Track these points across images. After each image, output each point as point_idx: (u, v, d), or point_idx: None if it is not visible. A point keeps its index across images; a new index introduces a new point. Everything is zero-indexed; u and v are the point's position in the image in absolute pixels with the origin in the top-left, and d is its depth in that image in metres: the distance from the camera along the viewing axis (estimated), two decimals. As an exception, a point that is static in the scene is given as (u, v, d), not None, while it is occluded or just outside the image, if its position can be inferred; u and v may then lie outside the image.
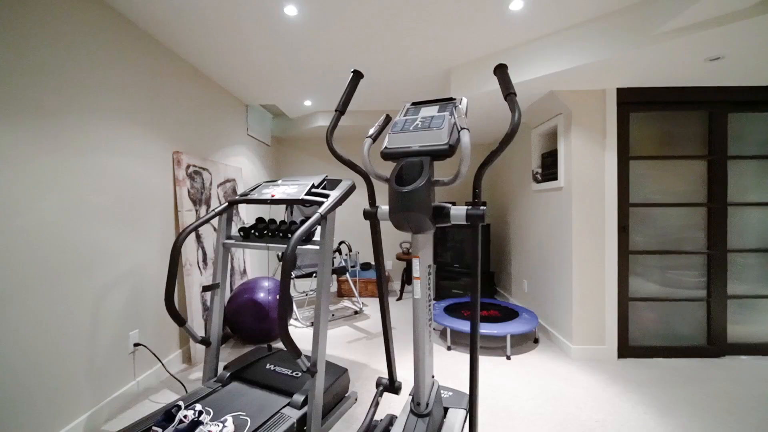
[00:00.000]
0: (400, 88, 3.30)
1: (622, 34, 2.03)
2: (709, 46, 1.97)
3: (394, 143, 1.15)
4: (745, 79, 2.47)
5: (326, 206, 1.68)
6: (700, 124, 2.68)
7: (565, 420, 1.88)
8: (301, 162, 4.92)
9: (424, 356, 1.16)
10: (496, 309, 3.14)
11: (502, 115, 3.29)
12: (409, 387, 2.17)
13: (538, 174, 3.25)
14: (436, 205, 1.12)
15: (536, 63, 2.37)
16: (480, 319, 2.86)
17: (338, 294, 4.52)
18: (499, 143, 1.05)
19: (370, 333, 3.21)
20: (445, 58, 2.67)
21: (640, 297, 2.69)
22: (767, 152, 2.68)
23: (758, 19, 1.69)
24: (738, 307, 2.69)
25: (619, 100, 2.61)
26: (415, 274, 1.16)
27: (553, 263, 2.95)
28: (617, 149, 2.62)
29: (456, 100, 1.22)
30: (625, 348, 2.65)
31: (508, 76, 1.13)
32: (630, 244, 2.68)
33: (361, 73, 1.25)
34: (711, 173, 2.66)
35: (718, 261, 2.65)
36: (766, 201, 2.68)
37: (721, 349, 2.65)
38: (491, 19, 2.13)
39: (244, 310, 2.80)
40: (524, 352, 2.76)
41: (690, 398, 2.09)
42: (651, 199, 2.69)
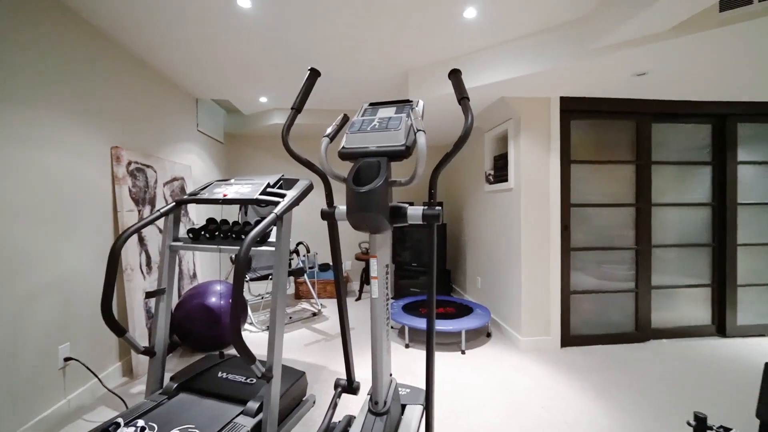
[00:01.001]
0: (358, 88, 3.29)
1: (563, 47, 2.19)
2: (636, 63, 2.19)
3: (352, 143, 1.14)
4: (666, 94, 2.78)
5: (282, 206, 1.64)
6: (629, 133, 2.97)
7: (516, 408, 2.00)
8: (257, 160, 4.75)
9: (381, 355, 1.17)
10: (451, 306, 3.24)
11: (457, 118, 3.41)
12: (367, 387, 2.18)
13: (491, 176, 3.41)
14: (394, 205, 1.13)
15: (488, 70, 2.49)
16: (436, 316, 2.95)
17: (296, 296, 4.42)
18: (453, 145, 1.09)
19: (329, 335, 3.17)
20: (402, 61, 2.71)
21: (580, 290, 2.93)
22: (684, 159, 3.04)
23: (674, 41, 1.91)
24: (660, 297, 3.02)
25: (562, 108, 2.82)
26: (373, 274, 1.16)
27: (504, 260, 3.12)
28: (560, 153, 2.83)
29: (413, 102, 1.24)
30: (568, 337, 2.87)
31: (462, 81, 1.18)
32: (571, 242, 2.90)
33: (318, 72, 1.24)
34: (638, 177, 2.96)
35: (644, 256, 2.96)
36: (683, 202, 3.04)
37: (646, 335, 2.96)
38: (446, 25, 2.20)
39: (193, 316, 2.64)
40: (478, 346, 2.88)
41: (621, 380, 2.30)
42: (589, 199, 2.93)
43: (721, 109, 2.95)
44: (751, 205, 3.08)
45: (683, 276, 3.06)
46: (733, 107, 2.96)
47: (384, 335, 1.19)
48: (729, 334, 3.02)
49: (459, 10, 2.05)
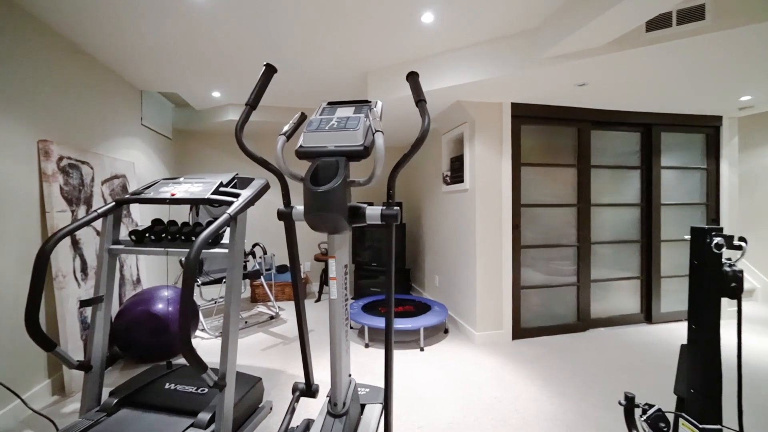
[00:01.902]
0: (316, 86, 3.25)
1: (514, 56, 2.32)
2: (577, 74, 2.37)
3: (310, 142, 1.13)
4: (603, 103, 3.05)
5: (236, 206, 1.57)
6: (572, 138, 3.21)
7: (471, 400, 2.08)
8: (209, 158, 4.50)
9: (340, 356, 1.17)
10: (410, 304, 3.30)
11: (416, 120, 3.48)
12: (327, 389, 2.16)
13: (448, 177, 3.51)
14: (352, 205, 1.13)
15: (445, 74, 2.57)
16: (395, 315, 2.99)
17: (252, 299, 4.26)
18: (410, 147, 1.11)
19: (287, 338, 3.09)
20: (362, 61, 2.71)
21: (529, 285, 3.11)
22: (618, 163, 3.35)
23: (609, 56, 2.09)
24: (598, 289, 3.30)
25: (513, 113, 2.98)
26: (332, 275, 1.15)
27: (460, 259, 3.23)
28: (512, 156, 2.99)
29: (371, 103, 1.25)
30: (518, 330, 3.04)
31: (419, 84, 1.20)
32: (521, 240, 3.08)
33: (274, 68, 1.20)
34: (579, 179, 3.21)
35: (585, 252, 3.22)
36: (617, 202, 3.35)
37: (586, 324, 3.22)
38: (405, 28, 2.24)
39: (137, 325, 2.45)
40: (436, 342, 2.96)
41: (565, 367, 2.49)
42: (537, 200, 3.13)
43: (648, 119, 3.29)
44: (672, 205, 3.47)
45: (617, 270, 3.37)
46: (657, 118, 3.31)
47: (343, 336, 1.18)
48: (654, 320, 3.38)
49: (417, 14, 2.09)
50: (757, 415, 1.90)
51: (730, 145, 3.50)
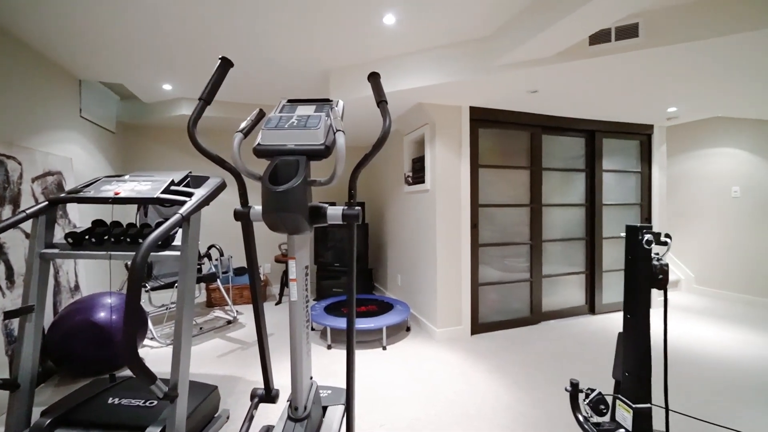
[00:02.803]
0: (276, 83, 3.16)
1: (472, 61, 2.41)
2: (529, 81, 2.52)
3: (268, 140, 1.10)
4: (553, 110, 3.25)
5: (189, 206, 1.49)
6: (525, 142, 3.40)
7: (432, 396, 2.13)
8: (160, 155, 4.22)
9: (301, 359, 1.15)
10: (373, 304, 3.32)
11: (378, 120, 3.50)
12: (287, 393, 2.11)
13: (409, 177, 3.57)
14: (313, 205, 1.12)
15: (407, 76, 2.61)
16: (358, 315, 2.99)
17: (208, 304, 4.05)
18: (372, 147, 1.12)
19: (246, 343, 2.98)
20: (323, 60, 2.68)
21: (487, 282, 3.25)
22: (566, 166, 3.59)
23: (557, 66, 2.24)
24: (549, 284, 3.52)
25: (471, 117, 3.10)
26: (292, 276, 1.13)
27: (422, 258, 3.30)
28: (470, 158, 3.10)
29: (333, 102, 1.24)
30: (476, 326, 3.16)
31: (381, 85, 1.21)
32: (479, 239, 3.20)
33: (230, 62, 1.15)
34: (532, 181, 3.41)
35: (537, 249, 3.42)
36: (566, 203, 3.59)
37: (538, 318, 3.42)
38: (367, 28, 2.25)
39: (75, 336, 2.24)
40: (399, 340, 3.00)
41: (519, 359, 2.63)
42: (494, 200, 3.27)
43: (592, 126, 3.56)
44: (612, 206, 3.78)
45: (565, 265, 3.61)
46: (600, 125, 3.59)
47: (304, 338, 1.17)
48: (597, 311, 3.67)
49: (379, 16, 2.11)
50: (681, 393, 2.13)
51: (660, 152, 3.89)
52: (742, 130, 4.04)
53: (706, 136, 4.39)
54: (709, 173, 4.36)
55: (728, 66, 2.29)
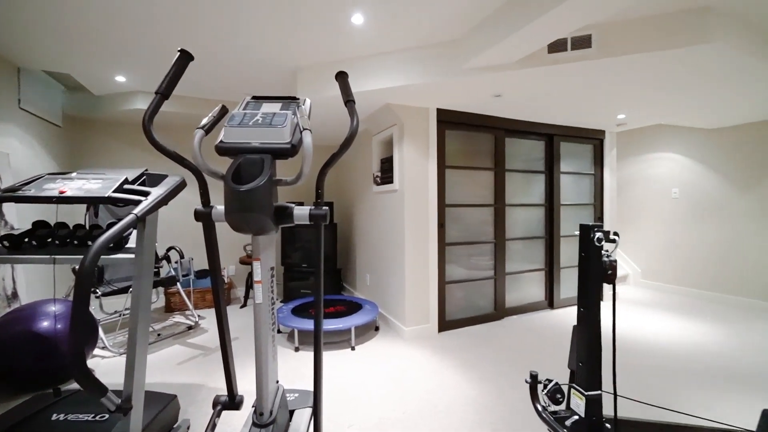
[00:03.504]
0: (240, 79, 3.05)
1: (439, 64, 2.46)
2: (493, 85, 2.61)
3: (232, 137, 1.06)
4: (515, 114, 3.39)
5: (144, 206, 1.40)
6: (489, 144, 3.52)
7: (401, 394, 2.15)
8: (112, 152, 3.94)
9: (266, 362, 1.12)
10: (342, 304, 3.30)
11: (346, 119, 3.48)
12: (253, 399, 2.05)
13: (378, 177, 3.59)
14: (279, 205, 1.10)
15: (375, 76, 2.61)
16: (326, 316, 2.96)
17: (166, 309, 3.85)
18: (339, 146, 1.12)
19: (208, 348, 2.86)
20: (291, 57, 2.63)
21: (453, 280, 3.33)
22: (528, 168, 3.76)
23: (519, 72, 2.34)
24: (511, 281, 3.67)
25: (438, 118, 3.16)
26: (256, 278, 1.10)
27: (390, 257, 3.32)
28: (437, 159, 3.17)
29: (300, 100, 1.22)
30: (444, 323, 3.24)
31: (348, 84, 1.21)
32: (446, 238, 3.28)
33: (190, 55, 1.10)
34: (496, 182, 3.53)
35: (500, 248, 3.55)
36: (527, 203, 3.76)
37: (501, 314, 3.56)
38: (335, 27, 2.23)
39: (12, 348, 2.04)
40: (367, 340, 3.00)
41: (484, 354, 2.72)
42: (460, 200, 3.36)
43: (551, 130, 3.75)
44: (569, 206, 4.01)
45: (527, 263, 3.78)
46: (558, 129, 3.79)
47: (269, 341, 1.14)
48: (556, 306, 3.87)
49: (347, 15, 2.10)
50: (629, 379, 2.30)
51: (611, 155, 4.17)
52: (681, 137, 4.42)
53: (650, 141, 4.76)
54: (652, 176, 4.73)
55: (665, 79, 2.50)
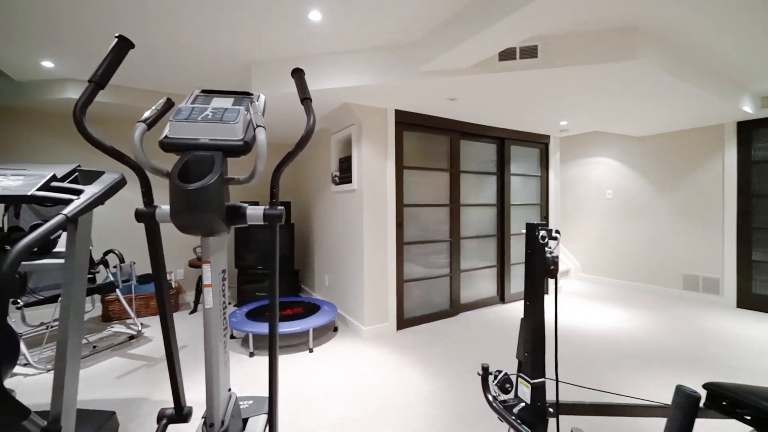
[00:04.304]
0: (189, 71, 2.87)
1: (396, 66, 2.49)
2: (448, 89, 2.70)
3: (178, 133, 1.00)
4: (469, 117, 3.53)
5: (76, 206, 1.28)
6: (445, 146, 3.63)
7: (360, 393, 2.16)
8: (39, 146, 3.53)
9: (217, 370, 1.07)
10: (299, 306, 3.23)
11: (303, 117, 3.41)
12: (203, 409, 1.94)
13: (337, 177, 3.56)
14: (231, 204, 1.05)
15: (334, 75, 2.59)
16: (284, 318, 2.89)
17: (104, 318, 3.52)
18: (295, 145, 1.10)
19: (153, 359, 2.66)
20: (245, 51, 2.52)
21: (411, 279, 3.39)
22: (481, 169, 3.93)
23: (472, 77, 2.44)
24: (466, 278, 3.82)
25: (396, 120, 3.20)
26: (206, 282, 1.05)
27: (349, 257, 3.31)
28: (395, 160, 3.21)
29: (254, 96, 1.18)
30: (402, 321, 3.29)
31: (305, 82, 1.19)
32: (404, 237, 3.33)
33: (130, 42, 1.02)
34: (451, 183, 3.66)
35: (456, 246, 3.68)
36: (480, 203, 3.93)
37: (457, 310, 3.69)
38: (293, 23, 2.18)
39: None
40: (326, 341, 2.97)
41: (440, 350, 2.80)
42: (418, 200, 3.43)
43: (502, 133, 3.96)
44: (518, 206, 4.25)
45: (480, 260, 3.96)
46: (508, 133, 4.01)
47: (220, 348, 1.09)
48: (507, 300, 4.09)
49: (304, 11, 2.06)
50: (569, 365, 2.49)
51: (555, 159, 4.49)
52: (614, 143, 4.88)
53: (588, 147, 5.19)
54: (590, 178, 5.16)
55: (599, 90, 2.74)
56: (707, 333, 3.09)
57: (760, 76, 3.06)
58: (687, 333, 3.09)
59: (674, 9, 2.04)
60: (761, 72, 2.98)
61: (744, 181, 3.79)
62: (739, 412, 1.20)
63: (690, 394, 0.79)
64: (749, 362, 2.52)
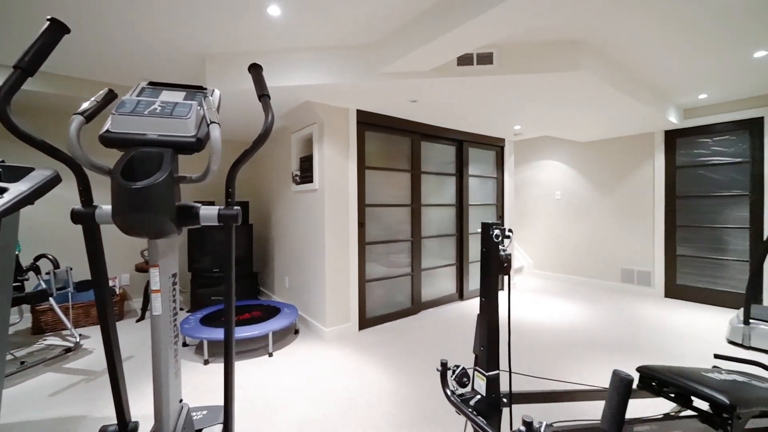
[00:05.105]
0: (135, 62, 2.67)
1: (358, 66, 2.49)
2: (409, 91, 2.74)
3: (122, 127, 0.94)
4: (430, 119, 3.61)
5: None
6: (407, 147, 3.69)
7: (321, 395, 2.13)
8: (-55, 134, 3.10)
9: (167, 381, 1.01)
10: (258, 309, 3.13)
11: (261, 114, 3.30)
12: (151, 423, 1.82)
13: (298, 176, 3.48)
14: (182, 204, 1.00)
15: (295, 72, 2.53)
16: (242, 322, 2.78)
17: (34, 330, 3.17)
18: (252, 143, 1.06)
19: (93, 372, 2.45)
20: (199, 43, 2.39)
21: (373, 278, 3.41)
22: (441, 171, 4.04)
23: (432, 80, 2.50)
24: (427, 276, 3.91)
25: (358, 120, 3.20)
26: (154, 287, 0.99)
27: (310, 257, 3.26)
28: (357, 160, 3.21)
29: (207, 90, 1.13)
30: (364, 321, 3.29)
31: (263, 78, 1.16)
32: (366, 237, 3.34)
33: (64, 26, 0.93)
34: (413, 183, 3.72)
35: (417, 245, 3.75)
36: (440, 203, 4.03)
37: (418, 308, 3.76)
38: (251, 16, 2.10)
39: None
40: (286, 345, 2.90)
41: (401, 347, 2.84)
42: (380, 200, 3.46)
43: (460, 136, 4.09)
44: (476, 206, 4.43)
45: (440, 259, 4.07)
46: (467, 136, 4.15)
47: (170, 357, 1.03)
48: (465, 297, 4.24)
49: (263, 5, 1.99)
50: (523, 357, 2.64)
51: (509, 161, 4.72)
52: (562, 147, 5.23)
53: (540, 150, 5.52)
54: (541, 180, 5.49)
55: (548, 97, 2.93)
56: (640, 321, 3.41)
57: (682, 91, 3.44)
58: (624, 322, 3.39)
59: (612, 26, 2.23)
60: (683, 87, 3.34)
61: (670, 184, 4.22)
62: (666, 390, 1.34)
63: (624, 378, 0.87)
64: (675, 346, 2.82)
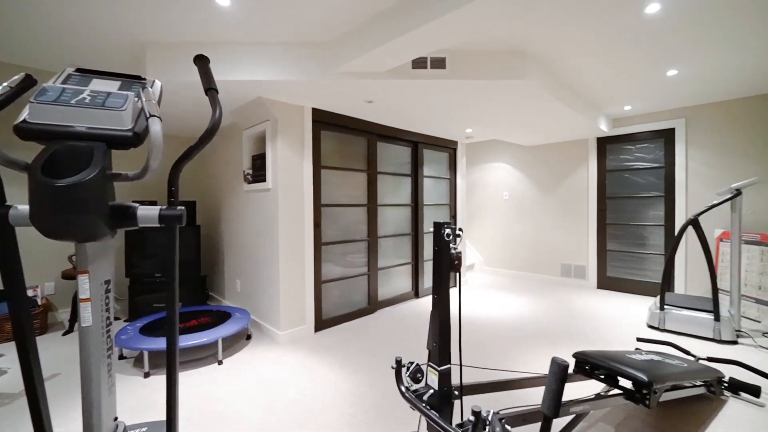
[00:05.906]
0: (61, 45, 2.39)
1: (314, 63, 2.45)
2: (365, 92, 2.75)
3: (43, 117, 0.84)
4: (386, 120, 3.64)
5: None
6: (363, 147, 3.69)
7: (275, 401, 2.07)
8: None
9: (98, 398, 0.92)
10: (206, 315, 2.95)
11: (208, 109, 3.12)
12: (83, 444, 1.64)
13: (249, 175, 3.34)
14: (117, 204, 0.92)
15: (247, 66, 2.42)
16: (189, 330, 2.61)
17: (-73, 351, 2.72)
18: (198, 139, 1.00)
19: (9, 395, 2.16)
20: (139, 28, 2.20)
21: (329, 279, 3.37)
22: (397, 171, 4.09)
23: (387, 81, 2.53)
24: (383, 276, 3.94)
25: (313, 118, 3.14)
26: (83, 296, 0.89)
27: (263, 259, 3.14)
28: (312, 159, 3.15)
29: (147, 81, 1.05)
30: (320, 322, 3.25)
31: (210, 70, 1.10)
32: (322, 237, 3.29)
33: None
34: (369, 183, 3.74)
35: (373, 245, 3.77)
36: (396, 203, 4.09)
37: (375, 307, 3.79)
38: (197, 4, 1.97)
39: None
40: (237, 351, 2.77)
41: (358, 347, 2.84)
42: (336, 200, 3.43)
43: (416, 138, 4.18)
44: (430, 206, 4.55)
45: (396, 258, 4.12)
46: (421, 137, 4.25)
47: (103, 371, 0.94)
48: (420, 295, 4.35)
49: (208, -7, 1.88)
50: (474, 350, 2.76)
51: (462, 163, 4.92)
52: (509, 151, 5.55)
53: (489, 153, 5.81)
54: (491, 181, 5.79)
55: (496, 103, 3.10)
56: (577, 311, 3.72)
57: (610, 102, 3.81)
58: (562, 312, 3.68)
59: (550, 40, 2.41)
60: (610, 99, 3.71)
61: (601, 186, 4.66)
62: (597, 373, 1.48)
63: (561, 363, 0.95)
64: (606, 332, 3.12)
